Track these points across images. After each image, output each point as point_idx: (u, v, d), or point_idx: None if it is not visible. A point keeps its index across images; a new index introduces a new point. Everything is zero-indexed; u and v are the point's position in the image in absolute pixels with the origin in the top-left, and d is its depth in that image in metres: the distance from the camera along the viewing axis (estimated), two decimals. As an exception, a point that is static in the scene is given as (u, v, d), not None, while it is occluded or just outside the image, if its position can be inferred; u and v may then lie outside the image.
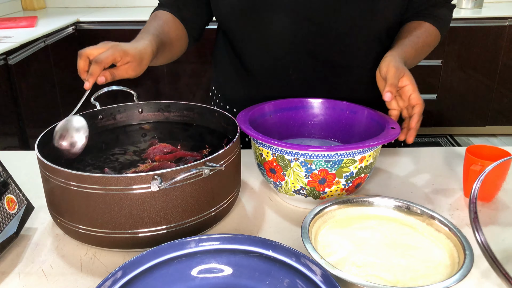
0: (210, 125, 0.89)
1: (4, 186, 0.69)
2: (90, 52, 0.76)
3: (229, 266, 0.60)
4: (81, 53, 0.76)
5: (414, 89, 0.82)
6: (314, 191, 0.76)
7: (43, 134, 0.75)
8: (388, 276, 0.59)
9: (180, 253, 0.59)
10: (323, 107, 0.93)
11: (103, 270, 0.66)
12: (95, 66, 0.74)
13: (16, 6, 3.30)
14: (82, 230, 0.67)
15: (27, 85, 2.37)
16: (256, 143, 0.79)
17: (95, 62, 0.74)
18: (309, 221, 0.65)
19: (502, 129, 3.33)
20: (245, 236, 0.60)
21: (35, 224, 0.76)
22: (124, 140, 0.87)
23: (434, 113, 3.20)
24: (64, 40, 2.80)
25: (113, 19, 2.97)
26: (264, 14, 0.93)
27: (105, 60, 0.74)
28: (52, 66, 2.63)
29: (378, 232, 0.67)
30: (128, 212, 0.64)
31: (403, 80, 0.82)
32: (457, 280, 0.54)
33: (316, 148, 0.72)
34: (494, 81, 3.09)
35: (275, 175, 0.78)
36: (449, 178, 0.91)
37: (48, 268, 0.66)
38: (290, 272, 0.57)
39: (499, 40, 2.97)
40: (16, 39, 2.31)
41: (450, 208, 0.81)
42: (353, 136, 0.91)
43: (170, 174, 0.63)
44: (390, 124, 0.81)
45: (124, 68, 0.78)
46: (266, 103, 0.92)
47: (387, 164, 0.97)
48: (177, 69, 3.06)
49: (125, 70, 0.79)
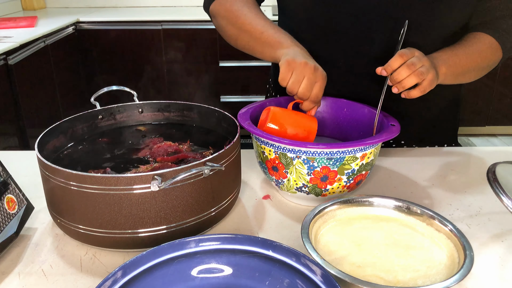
0: (210, 125, 0.89)
1: (4, 186, 0.68)
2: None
3: (229, 266, 0.60)
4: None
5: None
6: (316, 189, 0.77)
7: (43, 134, 0.75)
8: (388, 276, 0.59)
9: (180, 253, 0.59)
10: (323, 104, 0.94)
11: (103, 270, 0.66)
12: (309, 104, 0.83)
13: (16, 6, 3.30)
14: (82, 230, 0.67)
15: (27, 85, 2.37)
16: (258, 141, 0.79)
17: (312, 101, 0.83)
18: (309, 221, 0.65)
19: (502, 129, 3.33)
20: (245, 236, 0.60)
21: (35, 224, 0.76)
22: (124, 140, 0.87)
23: (434, 113, 3.20)
24: (64, 40, 2.80)
25: (113, 19, 2.97)
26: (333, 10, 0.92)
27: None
28: (52, 66, 2.63)
29: (378, 232, 0.67)
30: (128, 212, 0.64)
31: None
32: (457, 280, 0.54)
33: (318, 145, 0.72)
34: (494, 81, 3.09)
35: (277, 173, 0.79)
36: (449, 178, 0.91)
37: (48, 268, 0.66)
38: (290, 272, 0.57)
39: (499, 40, 2.96)
40: (16, 39, 2.31)
41: (450, 208, 0.81)
42: (352, 133, 0.91)
43: (170, 174, 0.63)
44: (390, 121, 0.81)
45: None
46: (267, 100, 0.92)
47: (388, 164, 0.97)
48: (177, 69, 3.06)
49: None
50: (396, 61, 0.79)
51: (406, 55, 0.80)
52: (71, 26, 2.90)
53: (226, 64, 3.05)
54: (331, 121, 0.94)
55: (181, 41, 2.95)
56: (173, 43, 2.96)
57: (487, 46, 0.93)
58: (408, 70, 0.79)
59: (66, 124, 0.82)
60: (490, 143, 3.25)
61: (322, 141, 0.93)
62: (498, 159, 0.74)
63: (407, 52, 0.80)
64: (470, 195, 0.85)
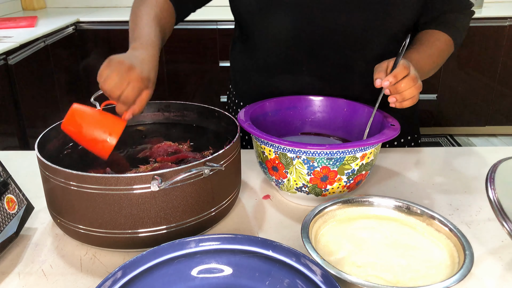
0: (210, 125, 0.89)
1: (4, 186, 0.68)
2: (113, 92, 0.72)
3: (229, 266, 0.60)
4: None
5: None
6: (316, 189, 0.77)
7: (43, 134, 0.75)
8: (388, 276, 0.59)
9: (180, 253, 0.59)
10: (322, 104, 0.94)
11: (103, 270, 0.66)
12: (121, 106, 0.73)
13: (16, 6, 3.30)
14: (82, 230, 0.67)
15: (27, 85, 2.37)
16: (258, 141, 0.79)
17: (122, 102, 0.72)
18: (309, 221, 0.65)
19: (502, 129, 3.33)
20: (245, 236, 0.60)
21: (35, 224, 0.76)
22: (124, 140, 0.87)
23: (434, 113, 3.20)
24: (64, 40, 2.79)
25: (113, 19, 2.97)
26: (277, 12, 0.93)
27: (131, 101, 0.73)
28: (52, 66, 2.63)
29: (378, 232, 0.67)
30: (128, 212, 0.64)
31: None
32: (457, 280, 0.54)
33: (318, 146, 0.72)
34: (494, 81, 3.09)
35: (277, 173, 0.79)
36: (449, 178, 0.91)
37: (48, 268, 0.66)
38: (290, 272, 0.57)
39: (499, 40, 2.97)
40: (16, 39, 2.31)
41: (450, 208, 0.81)
42: (352, 133, 0.91)
43: (170, 174, 0.63)
44: (390, 122, 0.81)
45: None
46: (267, 101, 0.92)
47: (388, 164, 0.97)
48: (177, 69, 3.06)
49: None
50: (402, 73, 0.79)
51: (408, 67, 0.80)
52: (71, 26, 2.90)
53: (226, 64, 3.05)
54: (331, 121, 0.94)
55: (181, 41, 2.94)
56: (173, 43, 2.96)
57: (444, 44, 0.97)
58: (412, 82, 0.79)
59: (66, 124, 0.82)
60: (490, 143, 3.25)
61: (322, 141, 0.93)
62: (498, 159, 0.74)
63: (409, 64, 0.81)
64: (470, 195, 0.85)
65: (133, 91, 0.71)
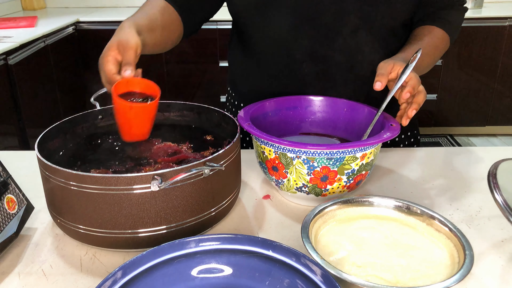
0: (210, 125, 0.89)
1: (4, 186, 0.68)
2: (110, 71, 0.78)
3: (229, 266, 0.60)
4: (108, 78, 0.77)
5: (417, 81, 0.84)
6: (316, 188, 0.77)
7: (43, 134, 0.75)
8: (388, 276, 0.59)
9: (180, 253, 0.59)
10: (322, 104, 0.94)
11: (103, 270, 0.66)
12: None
13: (16, 6, 3.30)
14: (82, 230, 0.67)
15: (27, 85, 2.37)
16: (258, 141, 0.80)
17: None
18: (309, 221, 0.65)
19: (502, 129, 3.33)
20: (245, 236, 0.60)
21: (35, 224, 0.76)
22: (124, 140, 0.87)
23: (434, 113, 3.20)
24: (64, 40, 2.80)
25: (113, 19, 2.97)
26: (276, 11, 0.94)
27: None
28: (52, 66, 2.63)
29: (378, 232, 0.67)
30: (128, 212, 0.64)
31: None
32: (457, 280, 0.54)
33: (318, 146, 0.72)
34: (494, 81, 3.09)
35: (277, 173, 0.79)
36: (449, 178, 0.91)
37: (48, 268, 0.66)
38: (290, 272, 0.57)
39: (499, 40, 2.97)
40: (16, 39, 2.31)
41: (450, 208, 0.81)
42: (352, 133, 0.91)
43: (170, 174, 0.63)
44: (390, 121, 0.81)
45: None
46: (267, 101, 0.92)
47: (388, 164, 0.97)
48: (177, 69, 3.06)
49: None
50: (418, 84, 0.83)
51: (419, 79, 0.83)
52: (71, 26, 2.90)
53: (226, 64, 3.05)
54: (331, 121, 0.94)
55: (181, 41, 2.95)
56: (173, 43, 2.96)
57: (441, 41, 0.99)
58: (425, 95, 0.84)
59: (66, 124, 0.82)
60: (490, 143, 3.25)
61: (322, 141, 0.93)
62: (498, 159, 0.74)
63: (417, 76, 0.84)
64: (470, 195, 0.85)
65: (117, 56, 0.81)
